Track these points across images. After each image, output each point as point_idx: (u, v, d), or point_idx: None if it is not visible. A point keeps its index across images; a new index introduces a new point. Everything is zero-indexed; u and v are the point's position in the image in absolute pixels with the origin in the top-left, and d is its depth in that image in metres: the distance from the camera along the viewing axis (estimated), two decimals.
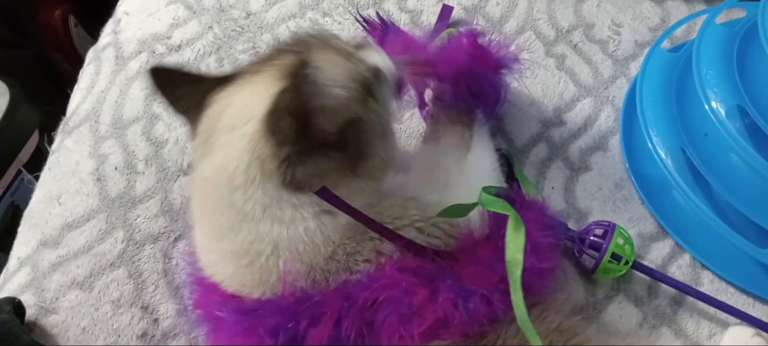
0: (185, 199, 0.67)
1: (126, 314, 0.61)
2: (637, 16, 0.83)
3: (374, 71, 0.50)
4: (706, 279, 0.64)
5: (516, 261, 0.46)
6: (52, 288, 0.62)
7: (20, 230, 0.67)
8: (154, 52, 0.78)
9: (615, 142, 0.73)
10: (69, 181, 0.69)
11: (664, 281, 0.61)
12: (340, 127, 0.45)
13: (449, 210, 0.49)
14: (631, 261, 0.60)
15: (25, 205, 0.69)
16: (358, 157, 0.47)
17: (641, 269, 0.61)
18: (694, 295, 0.60)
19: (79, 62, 0.83)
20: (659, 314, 0.62)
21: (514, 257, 0.47)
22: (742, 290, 0.64)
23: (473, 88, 0.61)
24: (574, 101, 0.75)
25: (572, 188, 0.69)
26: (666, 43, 0.77)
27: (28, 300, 0.60)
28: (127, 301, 0.61)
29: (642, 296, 0.62)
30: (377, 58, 0.52)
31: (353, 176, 0.48)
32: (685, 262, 0.65)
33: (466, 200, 0.50)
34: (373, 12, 0.80)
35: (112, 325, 0.60)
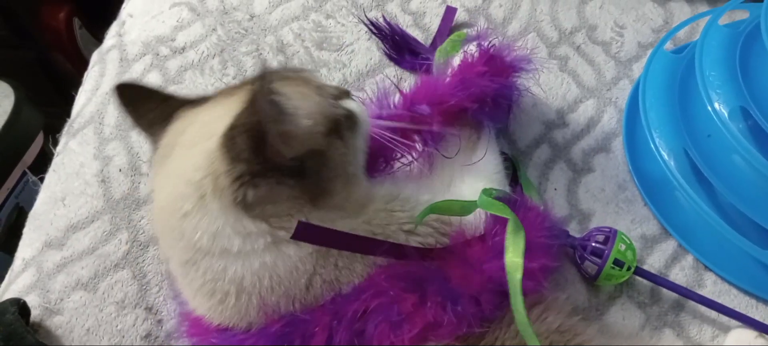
0: None
1: (130, 314, 0.61)
2: (640, 18, 0.83)
3: (347, 115, 0.49)
4: (709, 281, 0.64)
5: (516, 265, 0.46)
6: (57, 289, 0.62)
7: (25, 231, 0.67)
8: (158, 55, 0.79)
9: (618, 144, 0.73)
10: (73, 182, 0.69)
11: (667, 286, 0.61)
12: (299, 155, 0.44)
13: (444, 206, 0.49)
14: (634, 267, 0.59)
15: (29, 206, 0.69)
16: (318, 191, 0.46)
17: (643, 274, 0.61)
18: (696, 299, 0.60)
19: (82, 64, 0.83)
20: (662, 316, 0.62)
21: (514, 261, 0.47)
22: (745, 292, 0.63)
23: (496, 100, 0.61)
24: (577, 103, 0.75)
25: (575, 189, 0.69)
26: (669, 45, 0.77)
27: (32, 301, 0.61)
28: (132, 302, 0.62)
29: (645, 299, 0.62)
30: (355, 106, 0.51)
31: (312, 208, 0.46)
32: (688, 263, 0.65)
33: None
34: (376, 14, 0.81)
35: (117, 326, 0.60)
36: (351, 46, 0.79)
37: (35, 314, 0.60)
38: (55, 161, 0.72)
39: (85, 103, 0.76)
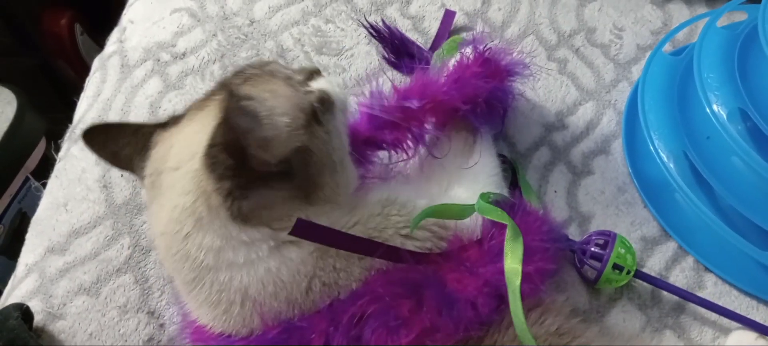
0: None
1: (132, 319, 0.61)
2: (639, 20, 0.83)
3: (321, 97, 0.49)
4: (710, 282, 0.64)
5: (515, 271, 0.47)
6: (60, 294, 0.62)
7: (28, 236, 0.67)
8: (159, 60, 0.79)
9: (617, 146, 0.73)
10: (76, 188, 0.69)
11: (667, 288, 0.61)
12: (284, 157, 0.44)
13: (440, 210, 0.50)
14: (634, 270, 0.59)
15: (32, 212, 0.69)
16: (308, 187, 0.46)
17: (643, 277, 0.61)
18: (696, 302, 0.61)
19: (84, 70, 0.83)
20: (662, 318, 0.62)
21: (513, 267, 0.47)
22: (745, 293, 0.64)
23: (489, 103, 0.61)
24: (576, 105, 0.76)
25: (575, 191, 0.69)
26: (668, 47, 0.77)
27: (35, 306, 0.61)
28: (134, 306, 0.62)
29: (645, 301, 0.62)
30: (326, 84, 0.50)
31: (307, 205, 0.46)
32: (688, 265, 0.65)
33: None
34: (375, 18, 0.81)
35: (119, 330, 0.61)
36: (350, 51, 0.80)
37: (38, 319, 0.60)
38: (58, 167, 0.72)
39: (87, 109, 0.76)
